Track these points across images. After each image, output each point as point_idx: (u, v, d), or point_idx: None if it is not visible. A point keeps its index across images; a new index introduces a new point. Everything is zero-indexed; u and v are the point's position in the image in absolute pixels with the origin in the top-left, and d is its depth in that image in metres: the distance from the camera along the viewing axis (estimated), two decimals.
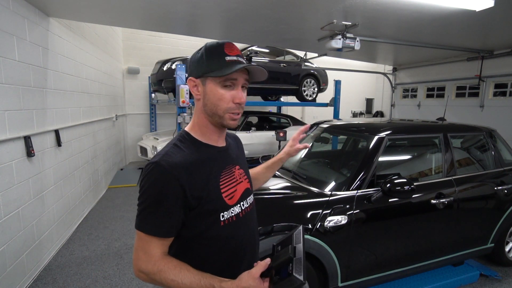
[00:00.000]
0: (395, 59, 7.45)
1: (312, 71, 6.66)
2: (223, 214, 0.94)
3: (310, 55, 6.41)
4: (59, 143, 3.21)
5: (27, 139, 2.57)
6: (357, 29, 3.92)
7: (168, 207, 0.86)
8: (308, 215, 1.91)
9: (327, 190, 2.11)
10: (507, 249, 2.84)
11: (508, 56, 5.69)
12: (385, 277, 2.21)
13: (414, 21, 3.71)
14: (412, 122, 2.95)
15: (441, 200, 2.27)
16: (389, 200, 2.10)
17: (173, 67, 5.41)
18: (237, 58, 0.90)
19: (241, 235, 1.00)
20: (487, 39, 5.00)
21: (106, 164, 5.35)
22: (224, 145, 1.04)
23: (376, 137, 2.29)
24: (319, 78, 6.80)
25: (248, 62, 5.83)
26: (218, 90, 0.91)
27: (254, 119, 6.94)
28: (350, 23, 3.76)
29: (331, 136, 3.28)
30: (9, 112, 2.36)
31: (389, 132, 2.34)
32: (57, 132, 3.19)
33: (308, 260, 1.94)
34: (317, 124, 3.11)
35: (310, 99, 6.78)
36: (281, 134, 5.40)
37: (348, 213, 1.97)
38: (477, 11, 3.20)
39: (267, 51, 6.38)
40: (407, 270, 2.29)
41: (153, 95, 6.99)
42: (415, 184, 2.06)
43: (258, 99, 7.46)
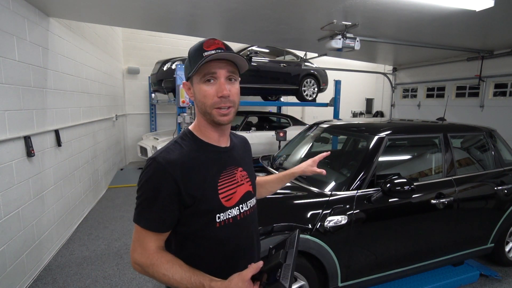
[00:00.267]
0: (395, 59, 7.45)
1: (312, 71, 6.67)
2: (219, 215, 0.93)
3: (310, 55, 6.41)
4: (59, 143, 3.21)
5: (27, 139, 2.57)
6: (357, 29, 3.92)
7: (162, 203, 0.87)
8: (308, 215, 1.91)
9: (327, 190, 2.11)
10: (507, 249, 2.84)
11: (508, 56, 5.69)
12: (385, 277, 2.21)
13: (414, 21, 3.71)
14: (412, 122, 2.95)
15: (441, 200, 2.27)
16: (389, 200, 2.10)
17: (173, 67, 5.42)
18: (216, 51, 0.88)
19: (238, 238, 0.98)
20: (487, 39, 5.00)
21: (106, 164, 5.36)
22: (227, 146, 1.02)
23: (376, 137, 2.30)
24: (319, 78, 6.81)
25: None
26: (201, 87, 0.91)
27: (254, 119, 6.94)
28: (350, 23, 3.76)
29: (331, 136, 3.28)
30: (9, 112, 2.36)
31: (389, 132, 2.34)
32: (57, 132, 3.19)
33: (308, 260, 1.94)
34: (317, 124, 3.11)
35: (310, 99, 6.78)
36: (281, 134, 5.39)
37: (348, 213, 1.97)
38: (477, 11, 3.20)
39: (267, 51, 6.38)
40: (407, 270, 2.29)
41: (153, 95, 7.00)
42: (415, 184, 2.06)
43: (258, 99, 7.46)
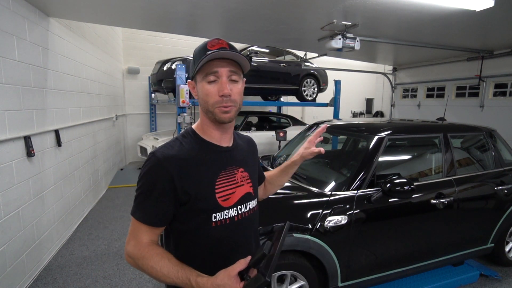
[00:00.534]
0: (395, 59, 7.45)
1: (312, 71, 6.66)
2: (215, 214, 0.93)
3: (310, 55, 6.41)
4: (59, 143, 3.21)
5: (27, 139, 2.57)
6: (357, 29, 3.92)
7: (157, 198, 0.88)
8: (308, 215, 1.91)
9: (327, 190, 2.11)
10: (507, 249, 2.84)
11: (508, 56, 5.69)
12: (385, 277, 2.21)
13: (414, 21, 3.71)
14: (412, 122, 2.95)
15: (441, 200, 2.27)
16: (389, 200, 2.10)
17: (173, 67, 5.42)
18: (219, 50, 0.88)
19: (235, 240, 0.97)
20: (487, 39, 5.00)
21: (106, 164, 5.35)
22: (230, 146, 1.02)
23: (376, 137, 2.29)
24: (319, 78, 6.80)
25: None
26: (204, 86, 0.91)
27: (254, 119, 6.94)
28: (350, 23, 3.76)
29: (331, 136, 3.28)
30: (9, 112, 2.36)
31: (389, 132, 2.34)
32: (57, 132, 3.19)
33: (308, 260, 1.94)
34: (317, 124, 3.11)
35: (310, 99, 6.78)
36: (281, 134, 5.39)
37: (348, 213, 1.97)
38: (477, 11, 3.20)
39: (267, 51, 6.38)
40: (407, 270, 2.29)
41: (153, 95, 7.00)
42: (415, 184, 2.06)
43: (258, 99, 7.46)
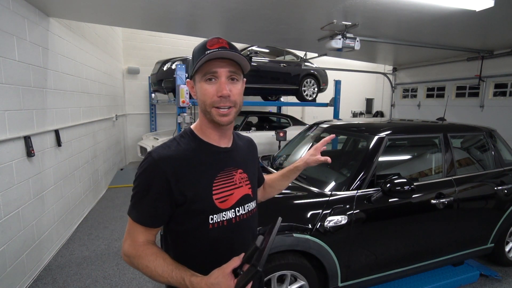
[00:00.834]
0: (395, 59, 7.45)
1: (312, 71, 6.66)
2: (212, 216, 0.91)
3: (310, 55, 6.41)
4: (59, 143, 3.21)
5: (27, 139, 2.57)
6: (357, 29, 3.92)
7: (153, 198, 0.87)
8: (308, 215, 1.91)
9: (327, 190, 2.11)
10: (507, 249, 2.84)
11: (508, 56, 5.69)
12: (385, 277, 2.21)
13: (414, 21, 3.71)
14: (412, 122, 2.95)
15: (441, 200, 2.27)
16: (389, 200, 2.10)
17: (173, 67, 5.42)
18: (218, 50, 0.86)
19: (232, 242, 0.95)
20: (487, 39, 5.00)
21: (106, 164, 5.35)
22: (229, 146, 1.00)
23: (376, 137, 2.29)
24: (319, 78, 6.80)
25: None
26: (202, 85, 0.90)
27: (254, 119, 6.94)
28: (350, 23, 3.76)
29: None
30: (9, 112, 2.36)
31: (389, 132, 2.34)
32: (57, 132, 3.19)
33: (308, 260, 1.94)
34: (317, 124, 3.11)
35: (310, 99, 6.78)
36: (281, 134, 5.39)
37: (348, 213, 1.97)
38: (477, 11, 3.20)
39: (267, 51, 6.38)
40: (407, 270, 2.29)
41: (153, 95, 7.00)
42: (415, 184, 2.06)
43: (258, 99, 7.46)
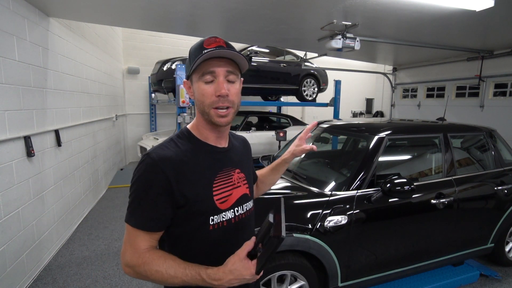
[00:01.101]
0: (395, 59, 7.45)
1: (312, 71, 6.66)
2: (212, 218, 0.90)
3: (310, 55, 6.41)
4: (59, 143, 3.21)
5: (27, 139, 2.57)
6: (357, 29, 3.92)
7: (154, 201, 0.84)
8: (308, 215, 1.91)
9: (327, 190, 2.11)
10: (507, 249, 2.84)
11: (508, 56, 5.69)
12: (385, 277, 2.21)
13: (414, 21, 3.71)
14: (412, 122, 2.95)
15: (441, 200, 2.27)
16: (389, 200, 2.10)
17: (173, 67, 5.42)
18: (216, 49, 0.85)
19: (232, 243, 0.94)
20: (487, 39, 5.00)
21: (106, 164, 5.35)
22: (226, 146, 1.00)
23: (376, 137, 2.29)
24: (319, 78, 6.81)
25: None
26: (200, 86, 0.88)
27: (254, 119, 6.94)
28: (350, 23, 3.76)
29: (331, 136, 3.28)
30: (9, 112, 2.36)
31: (389, 132, 2.34)
32: (57, 132, 3.19)
33: (308, 260, 1.94)
34: (317, 124, 3.11)
35: (310, 99, 6.78)
36: (281, 134, 5.39)
37: (348, 213, 1.97)
38: (477, 11, 3.20)
39: (267, 51, 6.38)
40: (407, 270, 2.29)
41: (153, 95, 7.00)
42: (415, 184, 2.06)
43: (258, 99, 7.46)
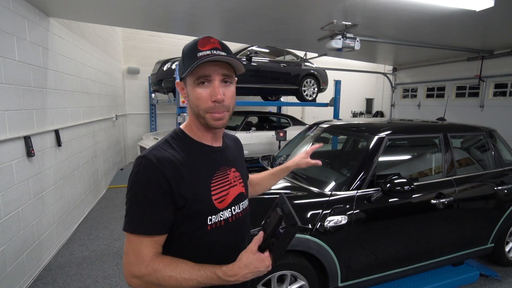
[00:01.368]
0: (395, 59, 7.45)
1: (312, 71, 6.66)
2: (210, 217, 0.89)
3: (310, 55, 6.41)
4: (59, 143, 3.21)
5: (27, 139, 2.57)
6: (357, 29, 3.92)
7: (155, 202, 0.81)
8: (308, 215, 1.91)
9: (327, 190, 2.11)
10: (507, 249, 2.84)
11: (508, 56, 5.69)
12: (385, 277, 2.21)
13: (414, 21, 3.70)
14: (412, 122, 2.95)
15: (441, 200, 2.27)
16: (389, 200, 2.10)
17: (173, 67, 5.42)
18: (211, 51, 0.83)
19: (229, 242, 0.94)
20: (487, 39, 5.00)
21: (106, 164, 5.35)
22: (220, 146, 0.99)
23: (376, 137, 2.29)
24: (319, 78, 6.80)
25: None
26: (195, 89, 0.86)
27: (254, 119, 6.94)
28: (350, 23, 3.76)
29: (331, 136, 3.28)
30: (9, 112, 2.36)
31: (389, 132, 2.34)
32: (57, 132, 3.18)
33: (308, 260, 1.94)
34: (317, 124, 3.11)
35: (310, 99, 6.77)
36: (281, 134, 5.39)
37: (348, 213, 1.97)
38: (477, 11, 3.20)
39: (267, 51, 6.38)
40: (407, 270, 2.29)
41: (153, 95, 7.00)
42: (415, 184, 2.06)
43: (258, 99, 7.46)
